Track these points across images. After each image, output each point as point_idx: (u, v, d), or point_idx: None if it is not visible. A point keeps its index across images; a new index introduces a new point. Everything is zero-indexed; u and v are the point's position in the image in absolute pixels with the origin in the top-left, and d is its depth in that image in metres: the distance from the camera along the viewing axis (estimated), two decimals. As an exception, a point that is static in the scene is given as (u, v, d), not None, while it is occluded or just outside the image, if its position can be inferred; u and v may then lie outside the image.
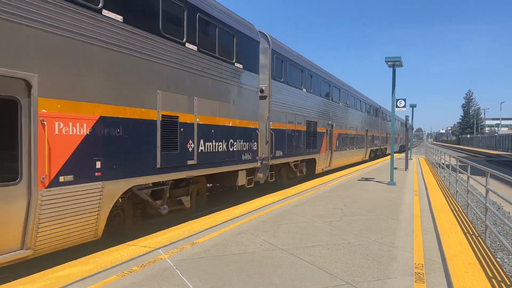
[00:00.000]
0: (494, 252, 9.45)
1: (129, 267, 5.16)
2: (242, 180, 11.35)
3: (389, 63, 14.61)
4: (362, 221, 8.12)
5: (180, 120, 8.31)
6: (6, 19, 5.05)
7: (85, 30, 6.10)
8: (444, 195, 12.33)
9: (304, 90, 16.55)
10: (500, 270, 5.36)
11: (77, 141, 5.91)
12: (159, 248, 6.01)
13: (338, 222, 7.99)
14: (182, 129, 8.39)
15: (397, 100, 22.77)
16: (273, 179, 13.46)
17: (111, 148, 6.51)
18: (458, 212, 9.59)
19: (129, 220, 7.79)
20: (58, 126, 5.63)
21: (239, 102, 10.87)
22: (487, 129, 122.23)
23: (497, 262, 5.74)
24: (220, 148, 9.98)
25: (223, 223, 7.82)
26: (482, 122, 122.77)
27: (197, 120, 8.94)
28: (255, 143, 11.92)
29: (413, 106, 31.54)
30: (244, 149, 11.25)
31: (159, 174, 7.73)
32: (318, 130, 18.15)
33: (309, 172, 17.67)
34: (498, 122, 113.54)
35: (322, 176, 17.26)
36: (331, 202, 10.43)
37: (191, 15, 8.66)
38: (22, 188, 5.21)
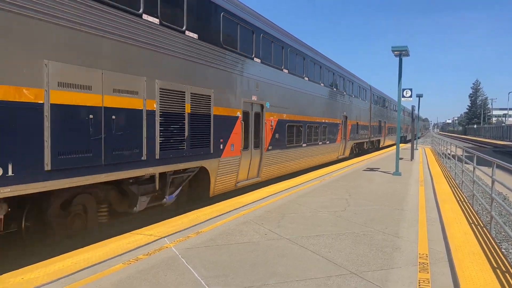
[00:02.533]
0: (499, 243, 9.45)
1: (135, 255, 5.22)
2: (365, 146, 28.62)
3: (395, 52, 14.46)
4: (366, 211, 8.13)
5: (358, 123, 25.54)
6: None
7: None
8: (449, 186, 12.30)
9: (378, 105, 33.49)
10: (505, 260, 5.35)
11: (349, 129, 23.23)
12: (164, 237, 6.07)
13: (342, 212, 8.01)
14: (357, 127, 25.28)
15: (404, 90, 22.67)
16: (369, 148, 30.30)
17: (352, 131, 23.88)
18: (464, 202, 9.57)
19: (349, 154, 23.96)
20: (348, 125, 23.11)
21: (365, 114, 27.58)
22: (494, 119, 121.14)
23: (502, 252, 5.74)
24: (362, 133, 26.87)
25: (228, 212, 7.86)
26: (489, 112, 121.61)
27: (358, 123, 25.44)
28: (368, 131, 28.72)
29: (419, 96, 31.32)
30: (366, 133, 28.17)
31: (355, 140, 24.96)
32: (381, 125, 34.61)
33: (377, 146, 34.31)
34: (505, 112, 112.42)
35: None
36: (336, 192, 10.44)
37: (362, 87, 27.49)
38: (343, 142, 22.18)
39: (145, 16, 7.25)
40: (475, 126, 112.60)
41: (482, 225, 7.32)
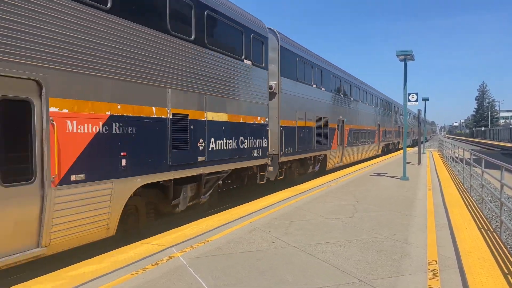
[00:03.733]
0: (510, 248, 9.32)
1: (143, 266, 5.22)
2: (390, 147, 36.67)
3: (400, 57, 14.42)
4: (374, 217, 8.07)
5: (386, 129, 33.96)
6: None
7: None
8: (458, 190, 12.18)
9: (397, 114, 40.23)
10: (516, 266, 5.28)
11: (381, 134, 31.55)
12: (172, 246, 6.07)
13: (350, 219, 7.97)
14: (386, 132, 33.37)
15: (409, 94, 22.54)
16: (392, 148, 38.63)
17: (383, 135, 32.60)
18: (473, 207, 9.47)
19: (380, 151, 32.34)
20: (381, 131, 31.11)
21: (389, 122, 35.33)
22: (501, 122, 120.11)
23: (513, 258, 5.66)
24: (388, 136, 34.82)
25: (235, 220, 7.85)
26: (497, 114, 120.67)
27: (386, 129, 33.65)
28: (391, 135, 36.50)
29: (425, 100, 31.13)
30: (390, 136, 36.20)
31: (384, 142, 32.81)
32: (400, 130, 41.62)
33: (397, 147, 41.35)
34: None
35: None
36: (343, 198, 10.39)
37: (389, 105, 36.88)
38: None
39: (313, 85, 16.10)
40: (482, 128, 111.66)
41: (492, 230, 7.23)
